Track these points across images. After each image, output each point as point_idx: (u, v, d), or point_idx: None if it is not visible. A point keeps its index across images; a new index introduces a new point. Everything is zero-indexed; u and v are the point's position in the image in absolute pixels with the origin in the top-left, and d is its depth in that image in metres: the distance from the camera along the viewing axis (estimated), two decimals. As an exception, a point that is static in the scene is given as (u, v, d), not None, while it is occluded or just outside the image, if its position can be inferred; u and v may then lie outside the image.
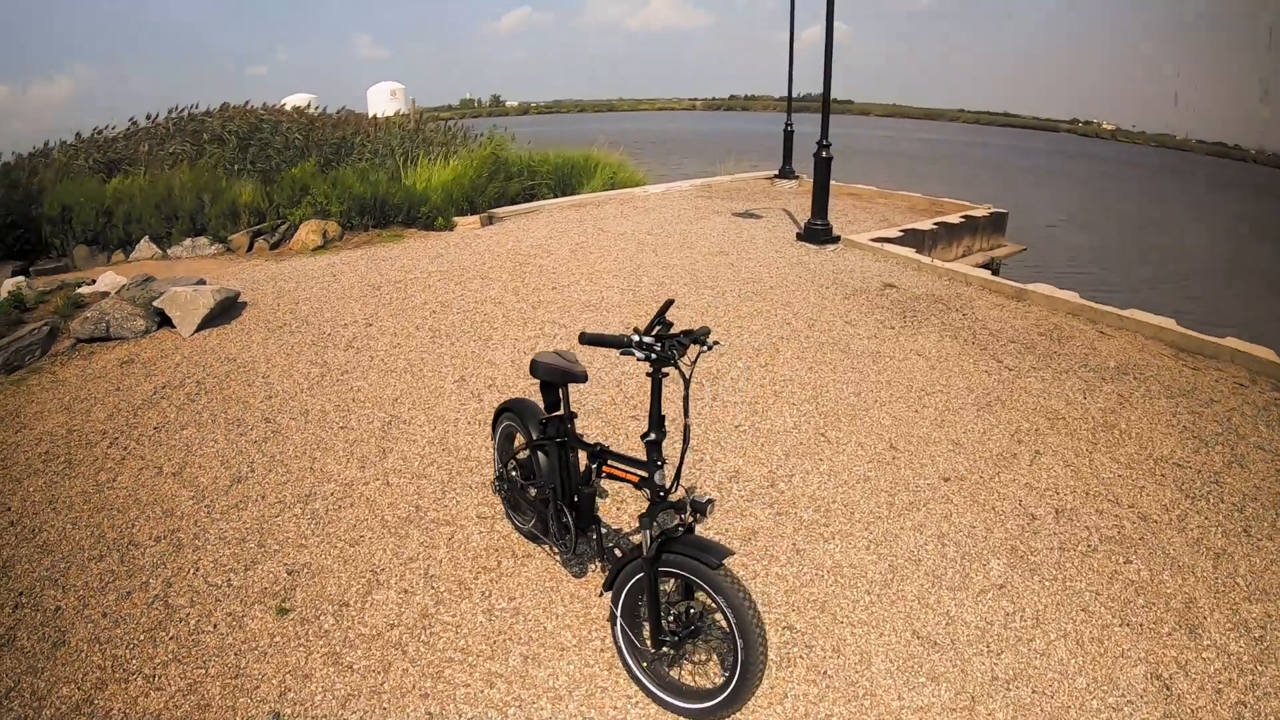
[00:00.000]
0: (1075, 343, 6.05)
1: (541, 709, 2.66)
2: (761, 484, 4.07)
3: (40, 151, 10.27)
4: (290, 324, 6.15)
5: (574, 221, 9.86)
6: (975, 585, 3.32)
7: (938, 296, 7.06)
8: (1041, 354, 5.81)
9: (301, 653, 2.94)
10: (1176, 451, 4.46)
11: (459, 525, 3.70)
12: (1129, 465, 4.30)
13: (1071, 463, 4.33)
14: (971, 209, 10.59)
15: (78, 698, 2.77)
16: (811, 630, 3.04)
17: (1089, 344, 6.02)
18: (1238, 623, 3.14)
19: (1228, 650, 2.99)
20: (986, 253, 10.21)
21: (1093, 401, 5.05)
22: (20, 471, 4.20)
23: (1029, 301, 7.04)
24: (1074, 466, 4.29)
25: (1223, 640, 3.04)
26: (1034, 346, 5.96)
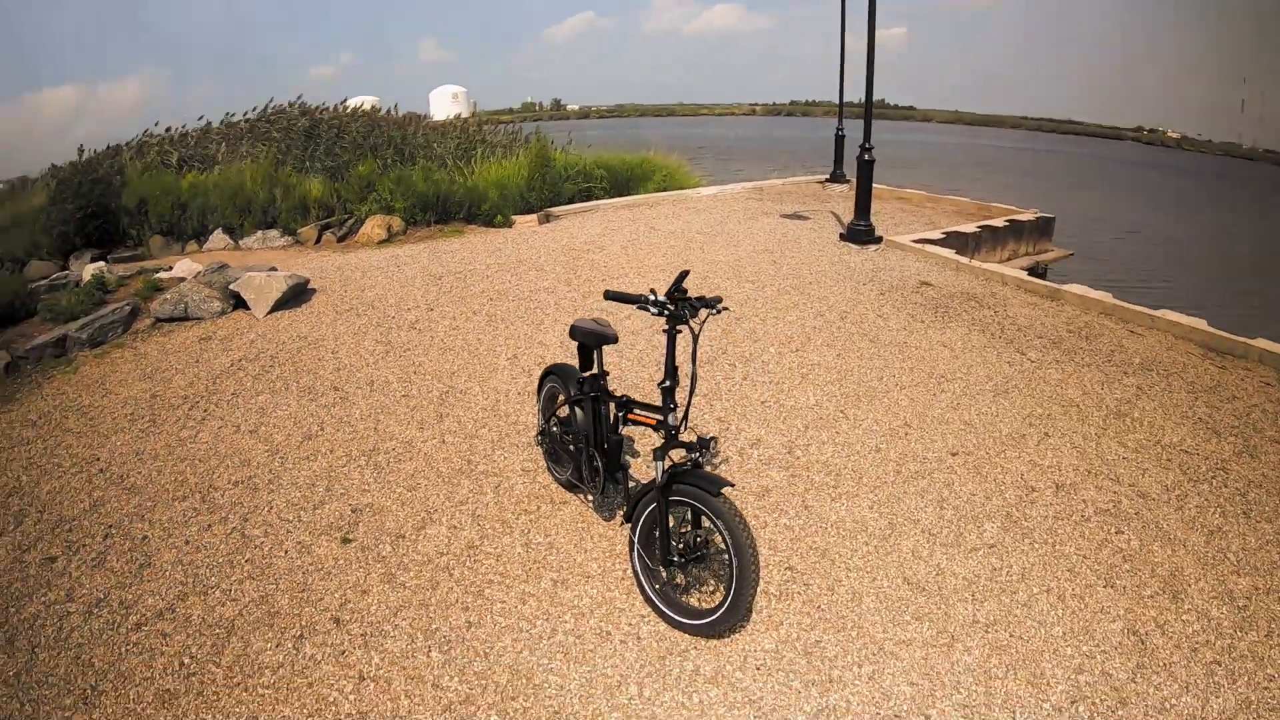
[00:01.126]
0: (1103, 340, 6.21)
1: (565, 622, 3.06)
2: (780, 451, 4.41)
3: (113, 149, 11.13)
4: (357, 308, 6.66)
5: (627, 220, 10.26)
6: (968, 544, 3.61)
7: (972, 294, 7.26)
8: (1066, 349, 6.00)
9: (361, 573, 3.39)
10: (1187, 440, 4.62)
11: (505, 476, 4.13)
12: (1136, 449, 4.50)
13: (1078, 445, 4.55)
14: (1017, 213, 10.61)
15: (161, 606, 3.27)
16: (811, 572, 3.37)
17: (1117, 341, 6.18)
18: (1223, 592, 3.32)
19: (1209, 615, 3.19)
20: (1032, 257, 10.21)
21: (1110, 392, 5.24)
22: (108, 429, 4.76)
23: (1062, 301, 7.18)
24: (1080, 448, 4.51)
25: (1205, 606, 3.23)
26: (1060, 342, 6.14)
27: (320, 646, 3.02)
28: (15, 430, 4.78)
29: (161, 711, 2.79)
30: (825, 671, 2.85)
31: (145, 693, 2.86)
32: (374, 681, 2.84)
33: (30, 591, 3.41)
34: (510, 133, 13.56)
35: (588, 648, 2.93)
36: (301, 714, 2.73)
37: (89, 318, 5.89)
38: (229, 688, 2.86)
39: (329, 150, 10.99)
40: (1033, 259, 10.17)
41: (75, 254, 8.39)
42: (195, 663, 2.99)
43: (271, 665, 2.95)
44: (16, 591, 3.41)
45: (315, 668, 2.92)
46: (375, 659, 2.94)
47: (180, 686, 2.88)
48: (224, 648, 3.05)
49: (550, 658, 2.89)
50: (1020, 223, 10.24)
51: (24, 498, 4.10)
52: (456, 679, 2.82)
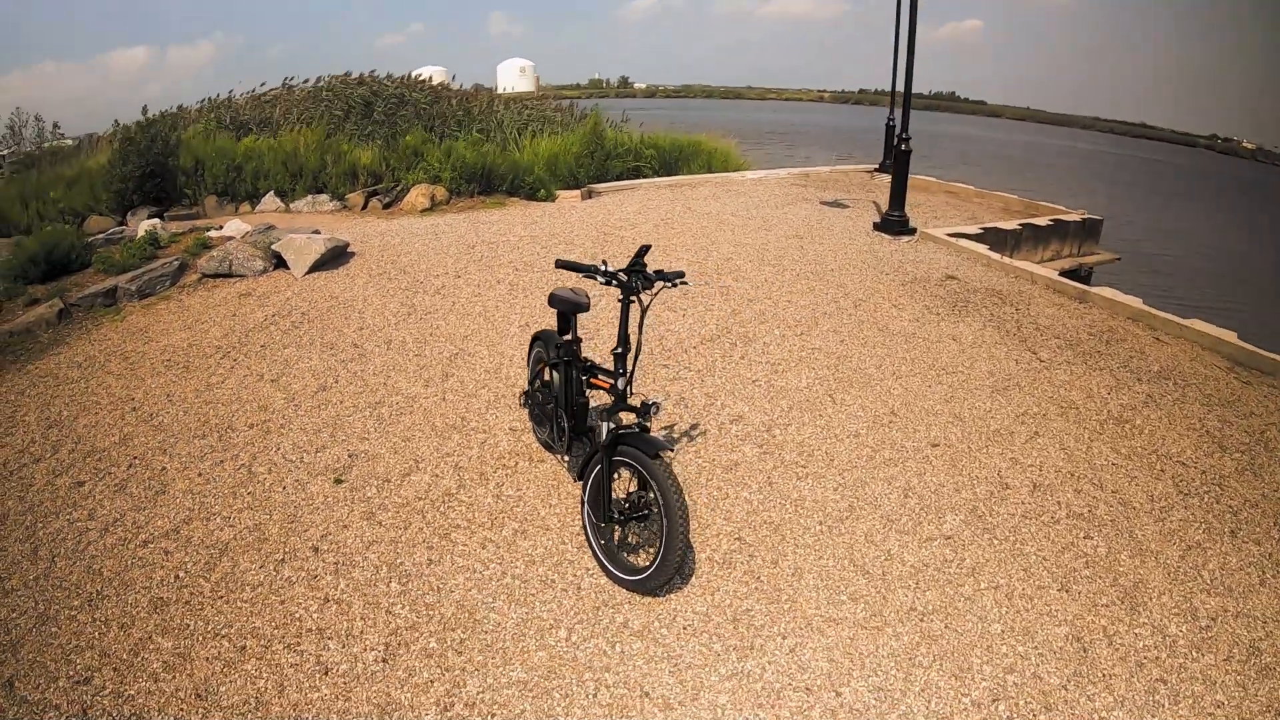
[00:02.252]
0: (1124, 345, 6.07)
1: (516, 567, 3.30)
2: (758, 428, 4.53)
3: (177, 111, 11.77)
4: (389, 272, 7.01)
5: (665, 200, 10.39)
6: (924, 533, 3.67)
7: (996, 291, 7.17)
8: (1083, 351, 5.89)
9: (345, 510, 3.70)
10: (1187, 452, 4.50)
11: (492, 433, 4.39)
12: (1129, 457, 4.42)
13: (1067, 447, 4.51)
14: (1064, 213, 10.31)
15: (168, 528, 3.65)
16: (759, 544, 3.51)
17: (1139, 348, 6.03)
18: (1187, 610, 3.23)
19: (1165, 631, 3.11)
20: (1076, 259, 9.91)
21: (1115, 398, 5.15)
22: (145, 373, 5.20)
23: (1090, 303, 7.02)
24: (1068, 450, 4.47)
25: (1163, 622, 3.15)
26: (1077, 344, 6.03)
27: (297, 570, 3.33)
28: (62, 370, 5.26)
29: (153, 615, 3.13)
30: (748, 639, 2.99)
31: (142, 599, 3.22)
32: (336, 604, 3.13)
33: (58, 510, 3.82)
34: (567, 108, 13.78)
35: (530, 592, 3.16)
36: (270, 625, 3.05)
37: (139, 271, 6.37)
38: (213, 599, 3.19)
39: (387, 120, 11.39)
40: (1075, 261, 9.88)
41: (133, 210, 8.96)
42: (189, 577, 3.33)
43: (252, 584, 3.27)
44: (46, 510, 3.82)
45: (289, 588, 3.23)
46: (342, 585, 3.23)
47: (172, 596, 3.23)
48: (215, 566, 3.39)
49: (495, 597, 3.13)
50: (1065, 223, 9.94)
51: (62, 430, 4.55)
52: (408, 608, 3.09)
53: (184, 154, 9.44)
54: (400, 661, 2.85)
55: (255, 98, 12.33)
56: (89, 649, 2.99)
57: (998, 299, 6.96)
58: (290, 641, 2.97)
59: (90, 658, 2.95)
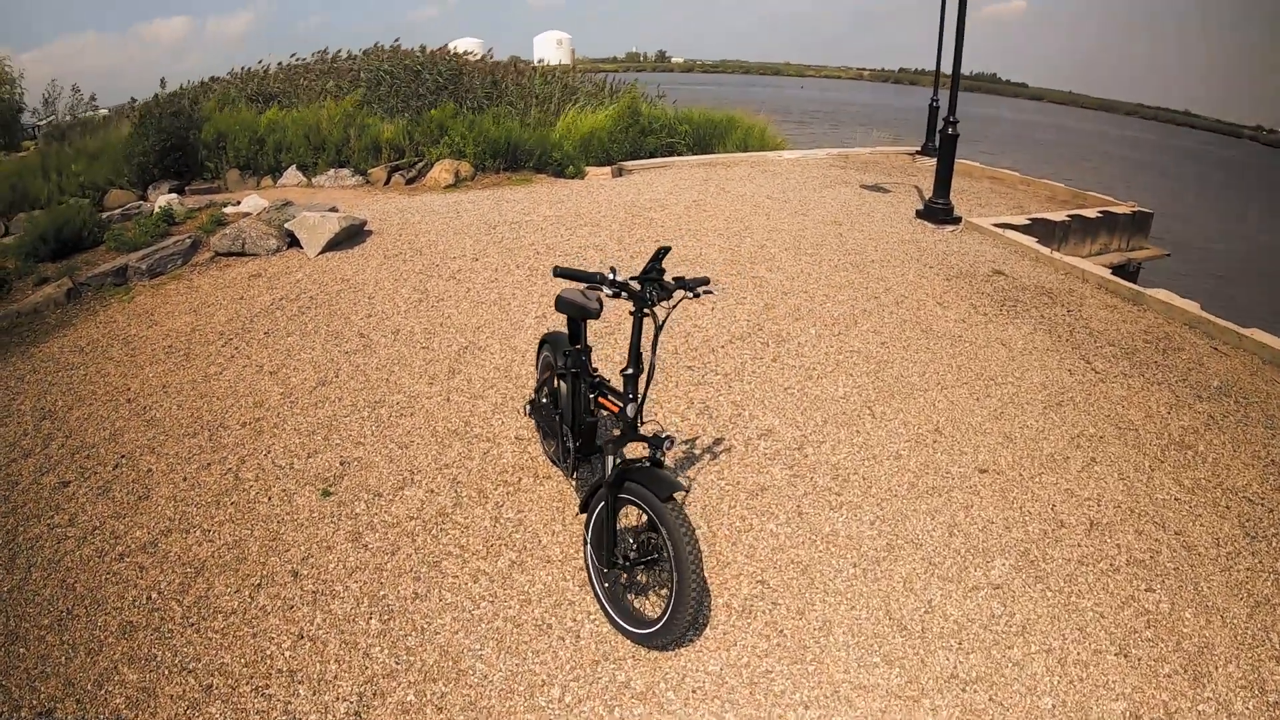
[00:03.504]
0: (1182, 355, 5.55)
1: (509, 607, 2.97)
2: (789, 445, 4.13)
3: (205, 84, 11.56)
4: (405, 253, 6.70)
5: (699, 180, 9.92)
6: (970, 581, 3.25)
7: (1047, 289, 6.64)
8: (1139, 361, 5.39)
9: (330, 528, 3.41)
10: (1252, 485, 4.03)
11: (496, 442, 4.06)
12: (1191, 490, 3.97)
13: (1127, 477, 4.05)
14: (1113, 205, 9.70)
15: (146, 540, 3.41)
16: (784, 589, 3.13)
17: (1196, 359, 5.51)
18: (1254, 681, 2.84)
19: (1230, 708, 2.72)
20: (1124, 253, 9.33)
21: (1176, 418, 4.66)
22: (145, 360, 4.97)
23: (1144, 306, 6.47)
24: (1128, 481, 4.02)
25: (1228, 697, 2.77)
26: (1133, 353, 5.52)
27: (273, 599, 3.05)
28: (64, 355, 5.07)
29: (121, 642, 2.90)
30: (766, 708, 2.62)
31: (111, 622, 2.99)
32: (311, 641, 2.85)
33: (40, 513, 3.62)
34: (600, 82, 13.29)
35: (524, 639, 2.83)
36: (239, 663, 2.78)
37: (150, 249, 6.17)
38: (183, 627, 2.95)
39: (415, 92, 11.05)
40: (1124, 256, 9.29)
41: (154, 184, 8.83)
42: (161, 599, 3.09)
43: (226, 610, 3.01)
44: (28, 512, 3.62)
45: (263, 619, 2.96)
46: (319, 619, 2.94)
47: (142, 620, 2.99)
48: (189, 587, 3.14)
49: (483, 643, 2.81)
50: (1115, 215, 9.33)
51: (55, 421, 4.35)
52: (387, 651, 2.79)
53: (206, 127, 9.23)
54: (373, 716, 2.56)
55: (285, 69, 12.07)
56: (54, 676, 2.78)
57: (1048, 298, 6.44)
58: (259, 684, 2.70)
59: (55, 686, 2.74)
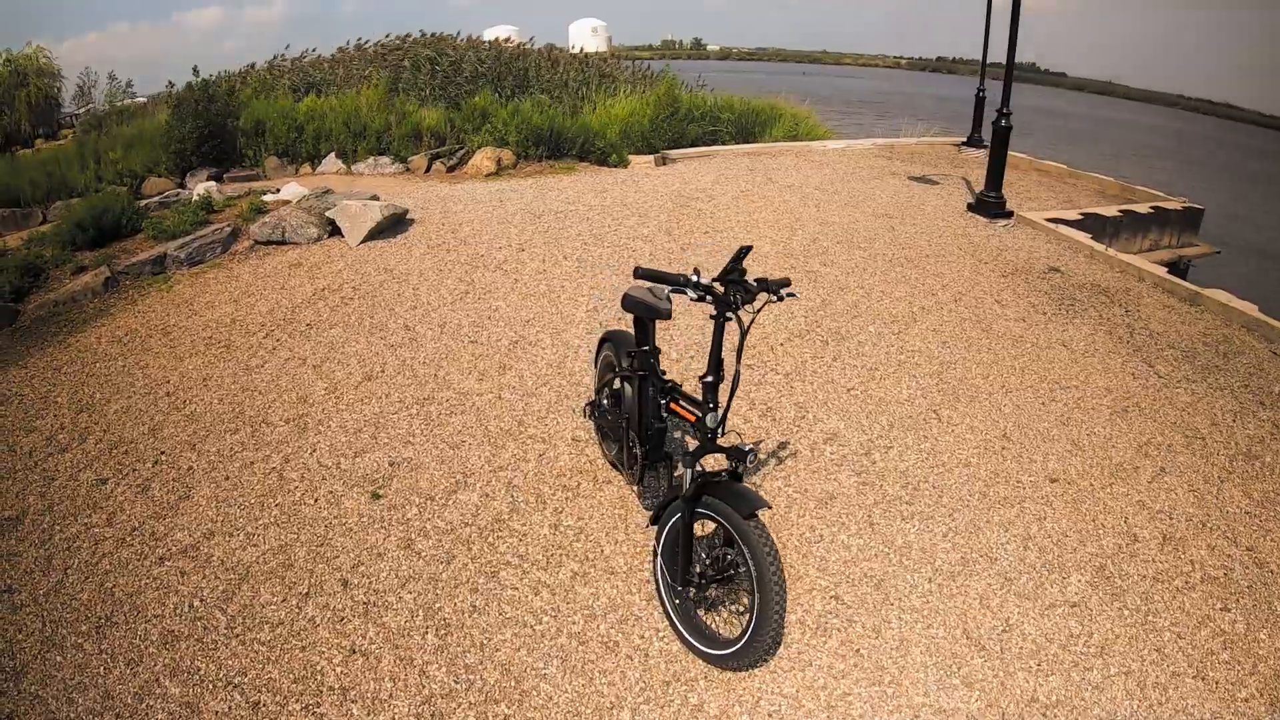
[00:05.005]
0: (1242, 359, 5.30)
1: (574, 623, 2.81)
2: (856, 451, 3.95)
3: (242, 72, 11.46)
4: (449, 243, 6.54)
5: (744, 169, 9.70)
6: (1047, 598, 3.08)
7: (1103, 287, 6.37)
8: (1201, 365, 5.15)
9: (381, 534, 3.26)
10: (1323, 499, 3.82)
11: (552, 444, 3.90)
12: (1261, 503, 3.76)
13: (1197, 488, 3.86)
14: (1164, 200, 9.41)
15: (187, 543, 3.28)
16: (859, 606, 2.96)
17: (1257, 363, 5.26)
18: None
19: None
20: (1174, 250, 9.04)
21: (1242, 427, 4.43)
22: (185, 351, 4.86)
23: (1202, 307, 6.22)
24: (1198, 492, 3.82)
25: None
26: (1194, 356, 5.27)
27: (322, 609, 2.92)
28: (102, 346, 4.97)
29: (163, 652, 2.78)
30: (846, 733, 2.45)
31: (152, 630, 2.88)
32: (364, 657, 2.71)
33: (76, 511, 3.51)
34: (638, 70, 13.07)
35: (590, 657, 2.67)
36: (287, 679, 2.65)
37: (189, 237, 6.06)
38: (228, 639, 2.82)
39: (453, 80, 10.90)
40: (1175, 253, 9.00)
41: (192, 172, 8.75)
42: (204, 606, 2.97)
43: (272, 621, 2.88)
44: (65, 510, 3.51)
45: (312, 631, 2.83)
46: (371, 632, 2.80)
47: (185, 629, 2.87)
48: (234, 595, 3.01)
49: (547, 662, 2.65)
50: (1166, 211, 9.03)
51: (93, 414, 4.24)
52: (445, 669, 2.64)
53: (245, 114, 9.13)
54: (433, 739, 2.41)
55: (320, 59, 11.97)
56: (93, 687, 2.66)
57: (1105, 297, 6.20)
58: (309, 702, 2.56)
59: (93, 699, 2.62)
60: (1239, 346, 5.53)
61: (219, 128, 8.63)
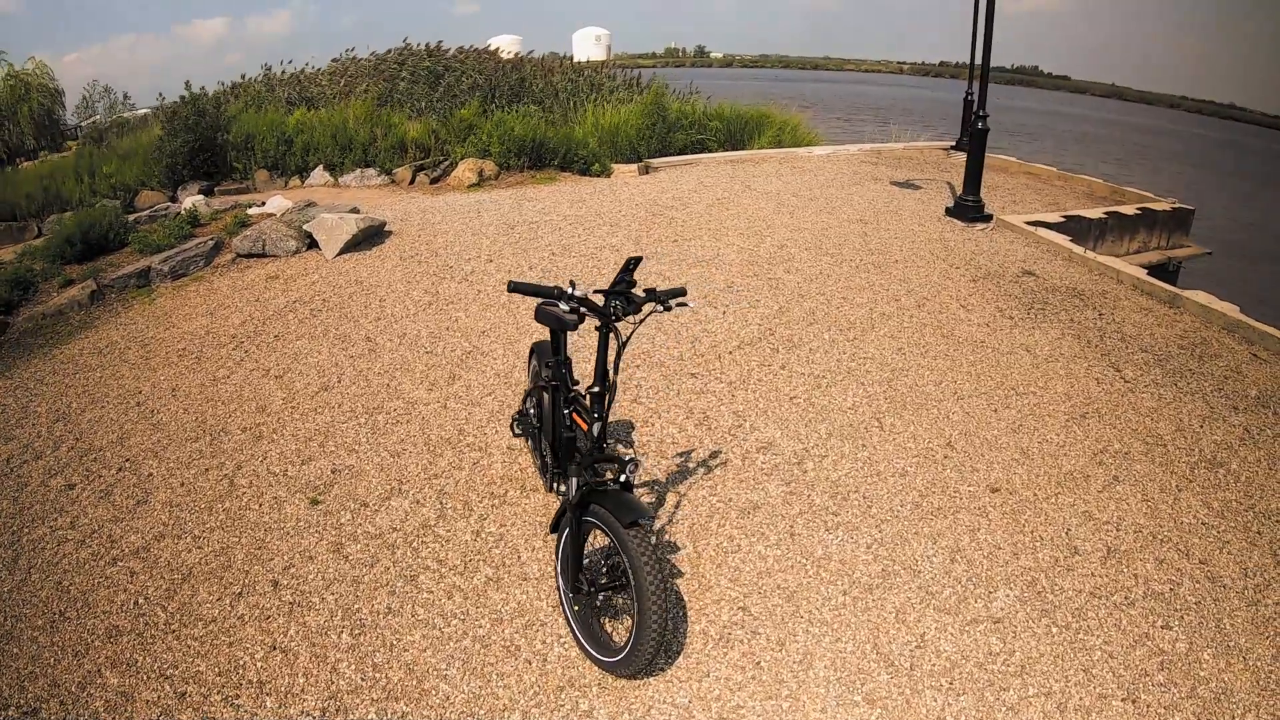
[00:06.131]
0: (1219, 362, 5.24)
1: (480, 626, 2.92)
2: (789, 459, 3.99)
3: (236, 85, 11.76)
4: (421, 254, 6.72)
5: (725, 177, 9.79)
6: (969, 613, 3.06)
7: (1079, 291, 6.35)
8: (1172, 370, 5.10)
9: (314, 538, 3.41)
10: (1293, 509, 3.75)
11: (487, 451, 4.02)
12: (1220, 514, 3.71)
13: (1151, 497, 3.81)
14: (1152, 201, 9.32)
15: (139, 545, 3.46)
16: (767, 617, 3.00)
17: (1234, 366, 5.19)
18: None
19: None
20: (1164, 252, 8.95)
21: (1209, 432, 4.38)
22: (158, 363, 5.07)
23: (1181, 309, 6.15)
24: (1152, 502, 3.78)
25: None
26: (1166, 360, 5.23)
27: (252, 608, 3.06)
28: (83, 357, 5.20)
29: (106, 645, 2.95)
30: (732, 746, 2.51)
31: (99, 625, 3.04)
32: (283, 653, 2.85)
33: (45, 515, 3.70)
34: (629, 78, 13.21)
35: (490, 660, 2.78)
36: (213, 672, 2.80)
37: (173, 250, 6.30)
38: (164, 634, 2.98)
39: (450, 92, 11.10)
40: (1164, 254, 8.92)
41: (183, 185, 9.04)
42: (147, 604, 3.13)
43: (206, 618, 3.04)
44: (34, 514, 3.71)
45: (240, 628, 2.98)
46: (293, 630, 2.94)
47: (127, 625, 3.04)
48: (175, 594, 3.17)
49: (450, 663, 2.76)
50: (1154, 212, 8.95)
51: (68, 424, 4.46)
52: (354, 667, 2.77)
53: (235, 128, 9.40)
54: (335, 733, 2.54)
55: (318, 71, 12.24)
56: (42, 677, 2.84)
57: (1079, 300, 6.17)
58: (229, 694, 2.71)
59: (41, 687, 2.80)
60: (1216, 349, 5.47)
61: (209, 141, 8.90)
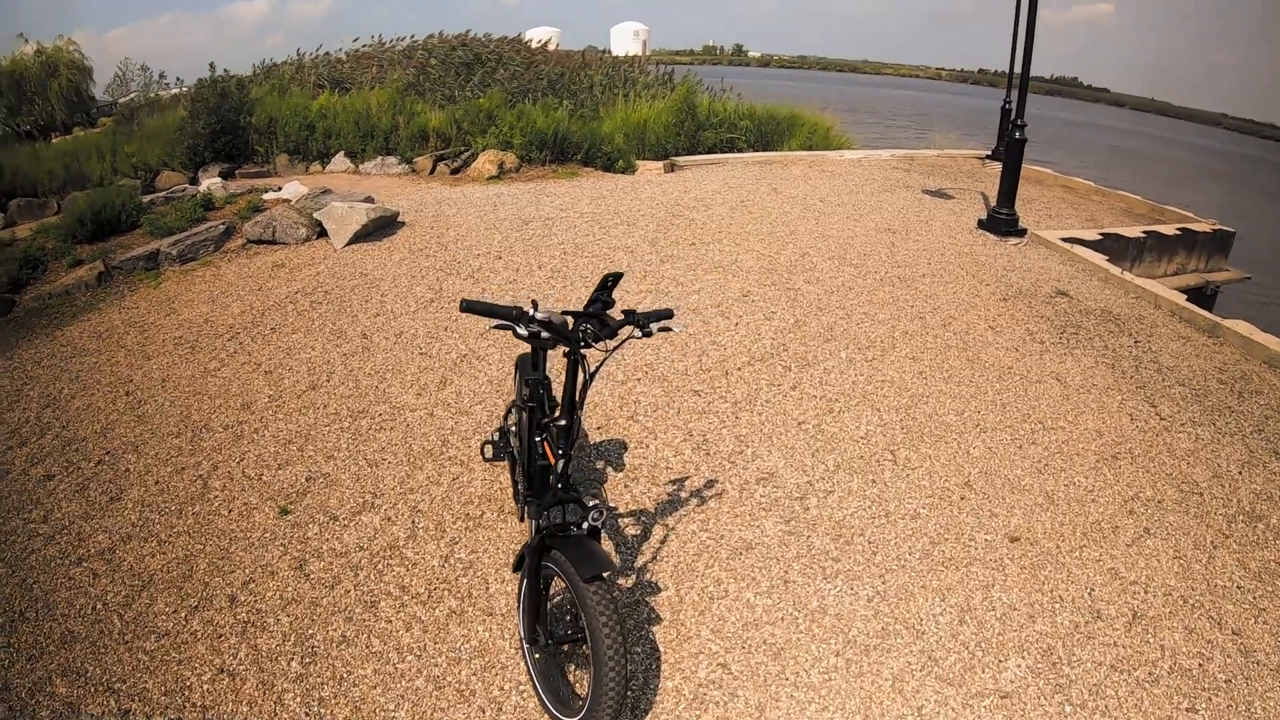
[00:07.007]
0: (1260, 399, 4.87)
1: (436, 665, 2.73)
2: (791, 494, 3.74)
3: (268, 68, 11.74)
4: (430, 248, 6.55)
5: (751, 178, 9.50)
6: (974, 685, 2.78)
7: (1114, 315, 6.00)
8: (1211, 406, 4.76)
9: (278, 552, 3.26)
10: (1339, 572, 3.42)
11: (468, 467, 3.83)
12: (1258, 576, 3.39)
13: (1184, 554, 3.51)
14: (1192, 221, 8.89)
15: (105, 546, 3.33)
16: (748, 678, 2.75)
17: (1276, 405, 4.83)
18: None
19: None
20: (1202, 275, 8.55)
21: (1248, 480, 4.05)
22: (154, 351, 4.97)
23: (1222, 339, 5.79)
24: (1185, 560, 3.47)
25: None
26: (1205, 395, 4.88)
27: (206, 624, 2.92)
28: (82, 341, 5.13)
29: (60, 652, 2.84)
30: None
31: (55, 630, 2.94)
32: (231, 677, 2.70)
33: (20, 506, 3.61)
34: (663, 75, 12.97)
35: (441, 705, 2.58)
36: (159, 691, 2.67)
37: (183, 234, 6.23)
38: (117, 645, 2.86)
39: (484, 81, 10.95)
40: (1202, 278, 8.54)
41: (204, 167, 9.02)
42: (105, 610, 3.01)
43: (160, 631, 2.91)
44: (11, 504, 3.62)
45: (192, 644, 2.84)
46: (243, 653, 2.79)
47: (82, 631, 2.92)
48: (133, 602, 3.05)
49: (398, 705, 2.58)
50: (1194, 233, 8.52)
51: (56, 410, 4.38)
52: (299, 700, 2.60)
53: (258, 111, 9.35)
54: (269, 774, 2.39)
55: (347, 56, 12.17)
56: (-6, 679, 2.73)
57: (1114, 326, 5.83)
58: (171, 717, 2.57)
59: (-10, 692, 2.69)
60: (1258, 385, 5.11)
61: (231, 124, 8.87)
